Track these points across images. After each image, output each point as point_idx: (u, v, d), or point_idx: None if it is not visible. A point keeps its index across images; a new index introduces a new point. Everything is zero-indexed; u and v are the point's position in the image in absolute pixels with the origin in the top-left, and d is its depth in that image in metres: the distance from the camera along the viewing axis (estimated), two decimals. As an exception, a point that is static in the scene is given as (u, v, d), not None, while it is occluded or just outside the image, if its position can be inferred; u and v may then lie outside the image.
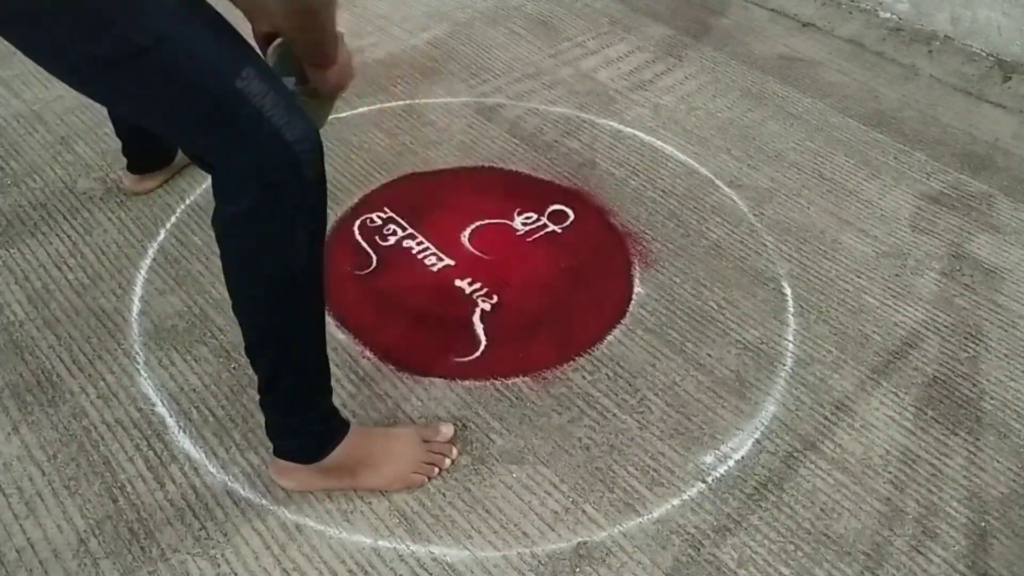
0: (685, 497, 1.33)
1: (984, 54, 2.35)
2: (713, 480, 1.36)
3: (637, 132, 2.08)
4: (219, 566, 1.21)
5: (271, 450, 1.32)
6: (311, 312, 1.15)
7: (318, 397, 1.24)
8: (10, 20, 0.96)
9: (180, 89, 0.98)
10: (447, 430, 1.37)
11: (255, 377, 1.43)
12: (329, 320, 1.56)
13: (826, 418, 1.45)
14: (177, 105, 1.00)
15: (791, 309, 1.64)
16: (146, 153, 1.79)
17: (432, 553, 1.24)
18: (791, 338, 1.59)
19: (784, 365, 1.54)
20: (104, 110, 2.02)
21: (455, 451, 1.36)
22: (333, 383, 1.29)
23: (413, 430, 1.36)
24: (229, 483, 1.31)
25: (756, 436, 1.42)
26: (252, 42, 1.09)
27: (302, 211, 1.07)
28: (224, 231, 1.08)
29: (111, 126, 1.98)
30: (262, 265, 1.08)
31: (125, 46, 0.94)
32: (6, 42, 0.98)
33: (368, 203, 1.83)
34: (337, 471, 1.28)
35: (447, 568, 1.23)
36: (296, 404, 1.21)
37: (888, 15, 2.51)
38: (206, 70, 0.98)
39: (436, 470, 1.33)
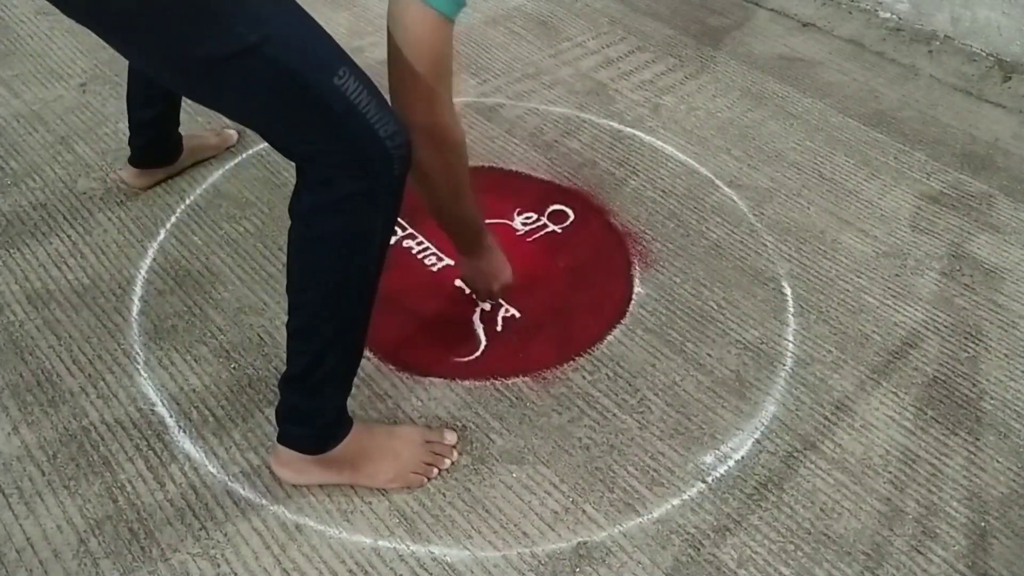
0: (685, 497, 1.33)
1: (984, 54, 2.35)
2: (713, 480, 1.36)
3: (637, 132, 2.08)
4: (219, 566, 1.21)
5: (270, 448, 1.33)
6: (367, 304, 1.19)
7: (343, 389, 1.25)
8: (116, 24, 0.98)
9: (282, 86, 1.01)
10: (451, 437, 1.37)
11: (254, 377, 1.45)
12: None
13: (826, 418, 1.45)
14: (277, 101, 1.03)
15: (791, 309, 1.64)
16: (153, 150, 1.79)
17: (432, 553, 1.25)
18: (791, 338, 1.59)
19: (784, 365, 1.54)
20: (103, 111, 2.03)
21: (456, 454, 1.36)
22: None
23: (416, 430, 1.36)
24: (229, 483, 1.32)
25: (756, 436, 1.42)
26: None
27: (385, 204, 1.11)
28: (307, 217, 1.11)
29: (110, 126, 1.99)
30: (338, 253, 1.12)
31: (233, 43, 0.96)
32: (6, 40, 0.99)
33: (368, 203, 1.83)
34: (338, 464, 1.28)
35: (447, 568, 1.23)
36: (324, 391, 1.23)
37: (888, 15, 2.51)
38: (306, 67, 1.01)
39: (435, 471, 1.33)
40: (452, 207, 1.37)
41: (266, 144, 1.95)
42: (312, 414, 1.24)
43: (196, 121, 1.90)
